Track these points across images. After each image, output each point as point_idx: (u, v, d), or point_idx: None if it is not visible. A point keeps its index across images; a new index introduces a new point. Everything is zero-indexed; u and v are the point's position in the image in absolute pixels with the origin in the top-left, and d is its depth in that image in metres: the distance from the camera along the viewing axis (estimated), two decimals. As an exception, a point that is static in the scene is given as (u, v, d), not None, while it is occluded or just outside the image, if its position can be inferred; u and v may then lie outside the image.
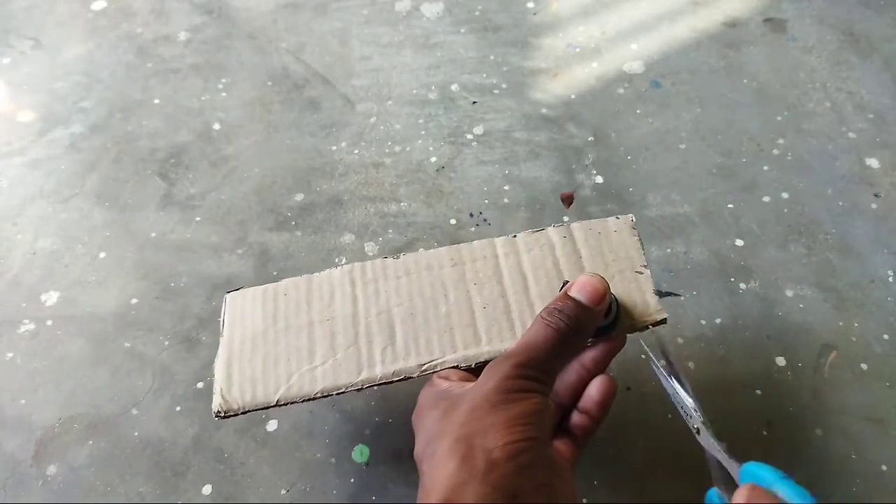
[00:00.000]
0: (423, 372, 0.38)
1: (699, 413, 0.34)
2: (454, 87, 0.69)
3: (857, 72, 0.69)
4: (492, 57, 0.72)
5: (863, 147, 0.63)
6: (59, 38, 0.76)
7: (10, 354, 0.53)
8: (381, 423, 0.49)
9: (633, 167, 0.62)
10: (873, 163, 0.62)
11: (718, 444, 0.32)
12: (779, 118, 0.65)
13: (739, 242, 0.57)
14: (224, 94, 0.70)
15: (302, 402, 0.38)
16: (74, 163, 0.65)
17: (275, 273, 0.57)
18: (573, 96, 0.68)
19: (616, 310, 0.36)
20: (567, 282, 0.36)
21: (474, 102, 0.68)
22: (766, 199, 0.59)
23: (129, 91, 0.71)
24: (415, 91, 0.69)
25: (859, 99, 0.66)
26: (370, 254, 0.58)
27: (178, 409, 0.50)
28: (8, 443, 0.49)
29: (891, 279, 0.54)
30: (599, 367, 0.37)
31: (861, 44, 0.71)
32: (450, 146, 0.65)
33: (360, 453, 0.47)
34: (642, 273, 0.39)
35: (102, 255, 0.58)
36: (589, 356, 0.37)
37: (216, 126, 0.67)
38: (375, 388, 0.38)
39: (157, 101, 0.70)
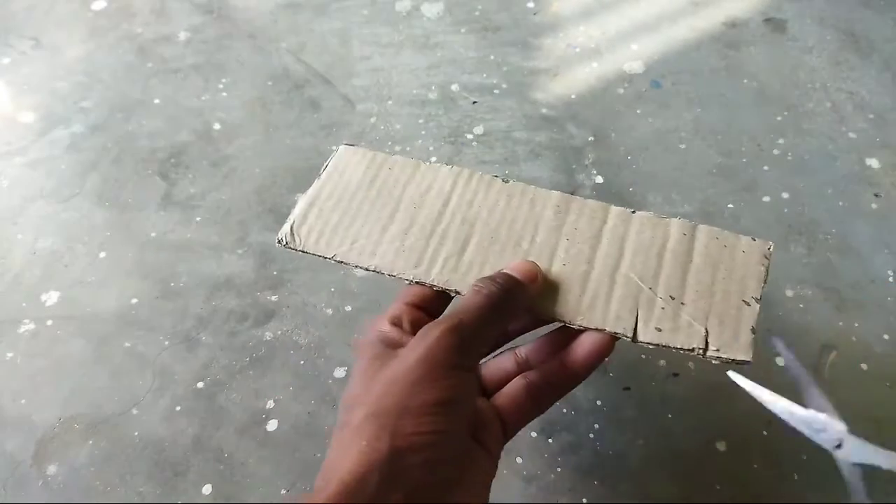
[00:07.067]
0: None
1: (839, 422, 0.29)
2: (454, 87, 0.69)
3: (858, 72, 0.69)
4: (492, 57, 0.72)
5: (863, 147, 0.63)
6: (59, 38, 0.76)
7: (10, 354, 0.53)
8: (381, 423, 0.49)
9: (633, 167, 0.62)
10: (873, 163, 0.62)
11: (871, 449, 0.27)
12: (779, 118, 0.65)
13: (739, 242, 0.57)
14: (224, 94, 0.70)
15: (354, 267, 0.38)
16: (74, 163, 0.65)
17: (275, 273, 0.57)
18: (573, 96, 0.68)
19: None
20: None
21: (474, 102, 0.68)
22: (767, 199, 0.59)
23: (130, 91, 0.71)
24: (415, 91, 0.69)
25: (859, 99, 0.66)
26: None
27: (178, 408, 0.50)
28: (8, 443, 0.49)
29: (891, 279, 0.54)
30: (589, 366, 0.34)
31: (861, 44, 0.71)
32: (450, 146, 0.65)
33: (360, 453, 0.47)
34: (750, 305, 0.34)
35: (102, 255, 0.58)
36: (578, 353, 0.34)
37: (216, 126, 0.67)
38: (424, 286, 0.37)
39: (157, 101, 0.70)
